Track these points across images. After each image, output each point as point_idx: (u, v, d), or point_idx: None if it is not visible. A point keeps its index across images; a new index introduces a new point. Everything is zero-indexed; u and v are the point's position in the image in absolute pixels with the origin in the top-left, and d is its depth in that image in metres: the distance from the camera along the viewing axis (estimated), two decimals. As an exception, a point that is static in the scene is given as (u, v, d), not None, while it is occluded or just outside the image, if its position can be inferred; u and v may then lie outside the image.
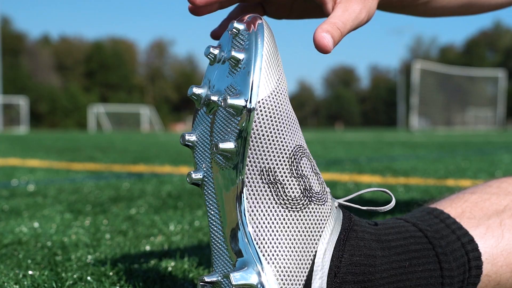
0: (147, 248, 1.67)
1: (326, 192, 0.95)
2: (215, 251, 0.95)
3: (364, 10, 0.98)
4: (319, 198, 0.93)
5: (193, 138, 0.96)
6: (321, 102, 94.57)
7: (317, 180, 0.94)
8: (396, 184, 3.49)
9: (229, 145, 0.87)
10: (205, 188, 0.95)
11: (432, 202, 1.16)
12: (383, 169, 4.63)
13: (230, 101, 0.85)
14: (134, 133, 31.86)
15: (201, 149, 0.95)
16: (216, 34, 1.08)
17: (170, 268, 1.41)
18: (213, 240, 0.95)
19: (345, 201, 1.00)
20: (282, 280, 0.89)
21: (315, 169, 0.94)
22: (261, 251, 0.88)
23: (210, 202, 0.94)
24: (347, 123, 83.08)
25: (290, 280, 0.89)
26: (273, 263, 0.89)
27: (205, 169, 0.94)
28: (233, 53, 0.88)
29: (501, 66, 58.27)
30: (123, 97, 68.47)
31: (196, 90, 0.94)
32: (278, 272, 0.89)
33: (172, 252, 1.60)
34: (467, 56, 73.66)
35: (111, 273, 1.35)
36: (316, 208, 0.92)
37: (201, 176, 0.95)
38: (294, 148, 0.90)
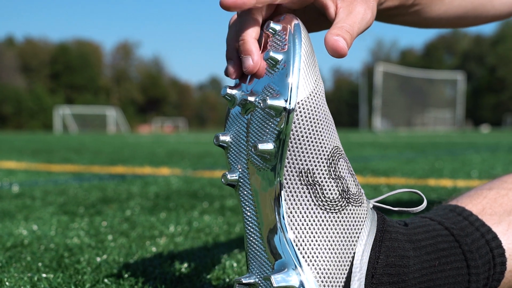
0: (153, 249, 1.66)
1: (362, 193, 0.95)
2: (251, 252, 0.94)
3: (369, 10, 0.96)
4: (356, 200, 0.93)
5: (227, 138, 0.95)
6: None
7: (353, 181, 0.94)
8: (379, 184, 3.51)
9: (268, 146, 0.86)
10: (241, 189, 0.94)
11: (450, 199, 1.17)
12: (362, 169, 4.65)
13: (270, 102, 0.84)
14: (101, 135, 31.65)
15: (236, 149, 0.94)
16: (232, 71, 0.95)
17: (183, 270, 1.41)
18: (250, 242, 0.94)
19: (376, 201, 1.00)
20: (322, 281, 0.89)
21: (351, 170, 0.94)
22: (301, 253, 0.88)
23: (246, 203, 0.93)
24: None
25: (330, 282, 0.89)
26: (313, 265, 0.88)
27: (240, 170, 0.93)
28: (272, 54, 0.86)
29: (458, 69, 59.44)
30: (88, 99, 68.02)
31: (230, 91, 0.93)
32: (318, 273, 0.88)
33: (181, 254, 1.60)
34: (427, 59, 74.53)
35: (126, 275, 1.35)
36: (353, 210, 0.92)
37: (236, 177, 0.94)
38: (332, 149, 0.90)
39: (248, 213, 0.93)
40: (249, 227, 0.94)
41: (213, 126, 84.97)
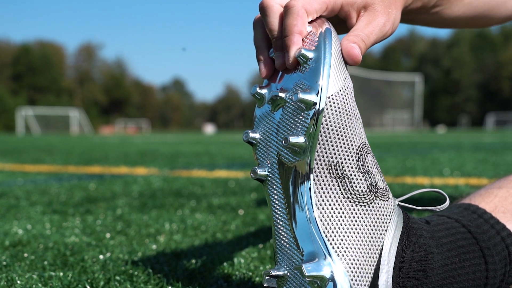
0: (154, 247, 1.66)
1: (388, 189, 0.97)
2: (280, 245, 0.95)
3: (389, 22, 0.99)
4: (383, 194, 0.94)
5: (256, 135, 0.96)
6: (248, 105, 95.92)
7: (380, 177, 0.95)
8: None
9: (299, 139, 0.88)
10: (270, 183, 0.95)
11: (462, 198, 1.19)
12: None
13: (302, 96, 0.86)
14: (65, 136, 31.45)
15: (264, 145, 0.95)
16: (263, 70, 0.98)
17: (192, 266, 1.41)
18: (278, 234, 0.95)
19: (400, 201, 1.01)
20: (352, 272, 0.90)
21: (377, 166, 0.96)
22: (331, 244, 0.89)
23: (275, 197, 0.94)
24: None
25: (359, 273, 0.91)
26: (342, 256, 0.90)
27: (269, 165, 0.94)
28: (303, 51, 0.88)
29: (415, 71, 60.64)
30: (51, 100, 67.48)
31: (260, 90, 0.96)
32: (348, 264, 0.90)
33: (184, 251, 1.60)
34: (385, 61, 75.52)
35: (136, 272, 1.34)
36: (381, 204, 0.94)
37: (266, 172, 0.95)
38: (360, 144, 0.92)
39: (277, 206, 0.94)
40: (277, 220, 0.95)
41: (176, 127, 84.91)
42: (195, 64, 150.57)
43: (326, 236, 0.90)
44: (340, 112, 0.89)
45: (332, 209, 0.90)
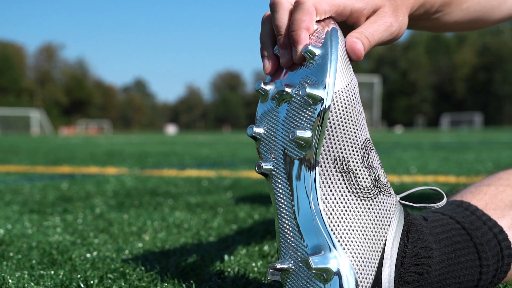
0: (140, 245, 1.65)
1: (390, 185, 0.98)
2: (284, 239, 0.95)
3: (396, 23, 1.00)
4: (386, 190, 0.96)
5: (261, 130, 0.97)
6: (209, 106, 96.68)
7: (383, 173, 0.97)
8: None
9: (306, 133, 0.88)
10: (274, 177, 0.95)
11: (452, 195, 1.22)
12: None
13: (309, 90, 0.87)
14: (26, 136, 31.18)
15: (269, 140, 0.96)
16: (268, 66, 0.99)
17: (183, 263, 1.41)
18: (283, 228, 0.95)
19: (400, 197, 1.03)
20: (357, 266, 0.91)
21: (380, 163, 0.97)
22: (336, 237, 0.90)
23: (280, 191, 0.95)
24: (233, 126, 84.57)
25: (363, 267, 0.91)
26: (348, 249, 0.90)
27: (274, 159, 0.95)
28: (310, 48, 0.89)
29: (373, 72, 61.46)
30: (11, 101, 66.94)
31: (264, 86, 0.96)
32: (353, 258, 0.90)
33: (172, 249, 1.59)
34: (344, 62, 76.71)
35: (127, 270, 1.33)
36: (384, 199, 0.95)
37: (271, 166, 0.95)
38: (364, 140, 0.93)
39: (282, 200, 0.95)
40: (282, 214, 0.95)
41: (139, 128, 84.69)
42: (157, 65, 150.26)
43: (331, 230, 0.90)
44: (346, 108, 0.90)
45: (337, 202, 0.91)
